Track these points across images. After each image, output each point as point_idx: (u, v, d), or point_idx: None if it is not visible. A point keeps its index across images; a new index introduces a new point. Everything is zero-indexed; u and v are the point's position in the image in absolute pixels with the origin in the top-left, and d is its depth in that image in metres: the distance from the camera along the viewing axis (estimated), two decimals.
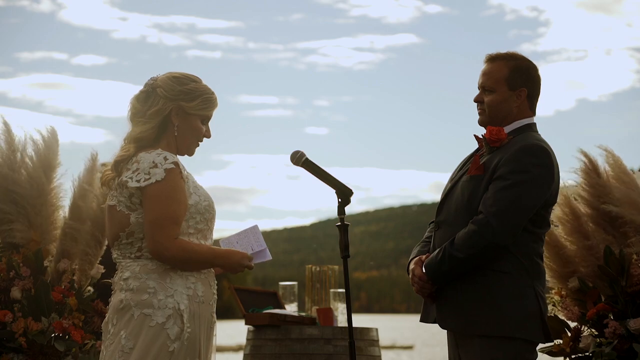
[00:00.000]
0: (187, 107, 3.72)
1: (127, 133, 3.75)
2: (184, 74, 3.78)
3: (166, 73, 3.79)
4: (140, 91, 3.77)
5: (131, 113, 3.76)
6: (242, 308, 6.16)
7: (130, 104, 3.77)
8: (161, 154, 3.64)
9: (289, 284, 6.40)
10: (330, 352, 5.81)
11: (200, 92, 3.75)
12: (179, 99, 3.72)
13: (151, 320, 3.56)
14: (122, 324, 3.60)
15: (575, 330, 5.25)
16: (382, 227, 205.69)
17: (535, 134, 4.13)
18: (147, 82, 3.77)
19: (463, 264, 3.94)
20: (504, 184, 3.94)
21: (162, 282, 3.60)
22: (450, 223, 4.07)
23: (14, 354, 5.35)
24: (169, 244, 3.57)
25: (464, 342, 4.03)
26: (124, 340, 3.57)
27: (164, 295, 3.59)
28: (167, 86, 3.72)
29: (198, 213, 3.68)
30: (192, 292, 3.63)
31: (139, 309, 3.58)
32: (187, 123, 3.75)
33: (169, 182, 3.59)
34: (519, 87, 4.12)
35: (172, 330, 3.57)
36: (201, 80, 3.80)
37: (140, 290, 3.60)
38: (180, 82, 3.74)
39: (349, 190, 3.95)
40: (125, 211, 3.64)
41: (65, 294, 5.49)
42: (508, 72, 4.12)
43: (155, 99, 3.72)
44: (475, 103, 4.21)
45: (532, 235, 4.02)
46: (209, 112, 3.78)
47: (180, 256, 3.59)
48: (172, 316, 3.57)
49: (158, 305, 3.57)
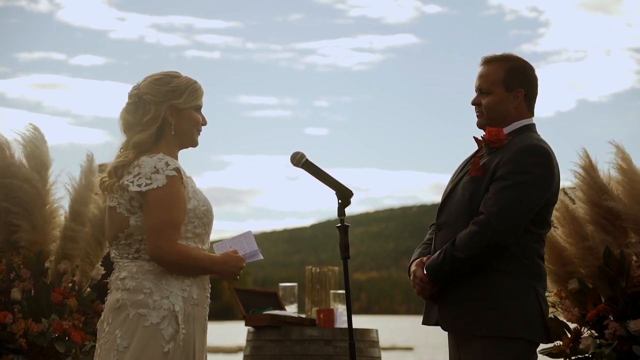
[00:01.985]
0: (178, 104, 3.74)
1: (123, 142, 3.77)
2: (163, 73, 3.80)
3: (145, 78, 3.81)
4: (127, 103, 3.78)
5: (124, 126, 3.77)
6: (242, 309, 6.16)
7: (121, 118, 3.78)
8: (163, 159, 3.65)
9: (289, 285, 6.40)
10: (330, 353, 5.81)
11: (185, 85, 3.77)
12: (168, 98, 3.73)
13: (146, 320, 3.59)
14: (118, 323, 3.63)
15: (575, 332, 5.25)
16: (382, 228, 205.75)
17: (535, 134, 4.14)
18: (130, 93, 3.78)
19: (464, 264, 3.95)
20: (504, 184, 3.95)
21: (158, 283, 3.63)
22: (451, 224, 4.07)
23: (14, 355, 5.35)
24: (169, 249, 3.59)
25: (465, 343, 4.03)
26: (119, 339, 3.60)
27: (160, 296, 3.61)
28: (152, 91, 3.74)
29: (196, 217, 3.70)
30: (187, 295, 3.66)
31: (135, 309, 3.60)
32: (183, 118, 3.77)
33: (170, 188, 3.61)
34: (516, 88, 4.12)
35: (167, 331, 3.59)
36: (180, 73, 3.82)
37: (137, 290, 3.62)
38: (163, 82, 3.76)
39: (349, 191, 3.95)
40: (125, 213, 3.67)
41: (66, 295, 5.49)
42: (504, 73, 4.12)
43: (146, 106, 3.73)
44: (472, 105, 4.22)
45: (533, 236, 4.02)
46: (199, 101, 3.81)
47: (179, 261, 3.61)
48: (167, 317, 3.60)
49: (153, 306, 3.60)
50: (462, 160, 4.30)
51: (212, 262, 3.72)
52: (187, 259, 3.63)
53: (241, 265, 3.77)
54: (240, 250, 3.83)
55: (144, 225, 3.62)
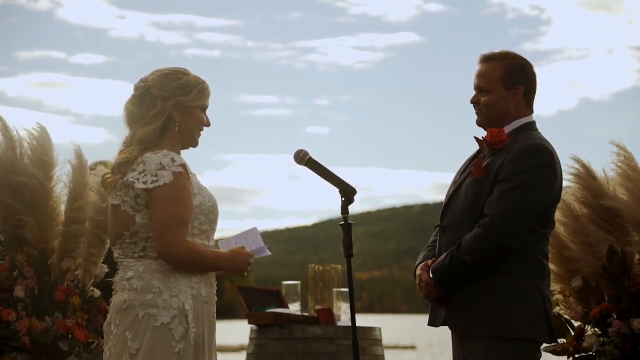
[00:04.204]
0: (185, 101, 3.72)
1: (127, 137, 3.73)
2: (172, 68, 3.77)
3: (154, 71, 3.77)
4: (132, 95, 3.74)
5: (128, 118, 3.73)
6: (245, 307, 6.16)
7: (125, 110, 3.74)
8: (168, 155, 3.62)
9: (292, 283, 6.39)
10: (333, 351, 5.81)
11: (194, 83, 3.75)
12: (176, 94, 3.71)
13: (156, 320, 3.55)
14: (127, 325, 3.58)
15: (579, 330, 5.24)
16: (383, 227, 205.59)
17: (536, 132, 4.13)
18: (137, 85, 3.74)
19: (470, 267, 3.95)
20: (508, 185, 3.94)
21: (167, 282, 3.59)
22: (456, 226, 4.07)
23: (18, 353, 5.35)
24: (177, 246, 3.56)
25: (469, 342, 4.03)
26: (130, 341, 3.56)
27: (169, 295, 3.58)
28: (161, 85, 3.71)
29: (202, 214, 3.68)
30: (196, 292, 3.63)
31: (144, 309, 3.56)
32: (188, 116, 3.74)
33: (177, 184, 3.58)
34: (515, 85, 4.12)
35: (177, 330, 3.55)
36: (189, 71, 3.80)
37: (145, 290, 3.58)
38: (172, 77, 3.73)
39: (352, 189, 3.95)
40: (130, 211, 3.63)
41: (69, 293, 5.49)
42: (503, 71, 4.12)
43: (152, 100, 3.70)
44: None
45: (537, 235, 4.02)
46: (205, 101, 3.79)
47: (187, 258, 3.59)
48: (177, 316, 3.56)
49: (163, 305, 3.56)
50: (464, 159, 4.29)
51: (219, 259, 3.68)
52: (196, 256, 3.60)
53: (248, 260, 3.74)
54: (246, 247, 3.80)
55: (152, 222, 3.59)
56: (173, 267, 3.60)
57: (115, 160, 3.71)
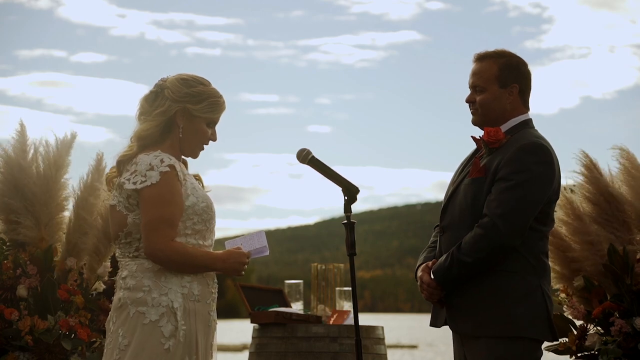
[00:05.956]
0: (192, 110, 3.75)
1: (134, 131, 3.79)
2: (193, 76, 3.80)
3: (176, 74, 3.82)
4: (149, 91, 3.80)
5: (139, 112, 3.80)
6: (247, 306, 6.16)
7: (139, 104, 3.81)
8: (158, 156, 3.66)
9: (295, 282, 6.39)
10: (336, 350, 5.81)
11: (207, 95, 3.77)
12: (185, 101, 3.74)
13: (145, 317, 3.61)
14: (120, 322, 3.66)
15: (582, 329, 5.25)
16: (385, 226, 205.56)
17: (533, 130, 4.13)
18: (157, 83, 3.80)
19: (472, 267, 3.95)
20: (506, 184, 3.94)
21: (157, 281, 3.65)
22: (455, 227, 4.07)
23: (20, 352, 5.36)
24: (163, 246, 3.60)
25: (470, 341, 4.03)
26: (121, 337, 3.63)
27: (158, 293, 3.63)
28: (174, 88, 3.75)
29: (195, 214, 3.70)
30: (187, 291, 3.68)
31: (134, 307, 3.63)
32: (192, 125, 3.77)
33: (164, 184, 3.62)
34: (510, 83, 4.12)
35: (166, 328, 3.61)
36: (210, 83, 3.82)
37: (136, 288, 3.65)
38: (188, 84, 3.76)
39: (355, 188, 3.95)
40: (124, 212, 3.69)
41: (72, 292, 5.50)
42: (498, 70, 4.12)
43: (162, 100, 3.75)
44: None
45: (538, 233, 4.02)
46: (215, 116, 3.80)
47: (175, 258, 3.62)
48: (166, 314, 3.62)
49: (152, 303, 3.62)
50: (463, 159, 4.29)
51: (213, 260, 3.71)
52: (184, 256, 3.63)
53: (244, 260, 3.76)
54: (248, 247, 3.82)
55: (140, 222, 3.64)
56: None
57: (119, 156, 3.77)
